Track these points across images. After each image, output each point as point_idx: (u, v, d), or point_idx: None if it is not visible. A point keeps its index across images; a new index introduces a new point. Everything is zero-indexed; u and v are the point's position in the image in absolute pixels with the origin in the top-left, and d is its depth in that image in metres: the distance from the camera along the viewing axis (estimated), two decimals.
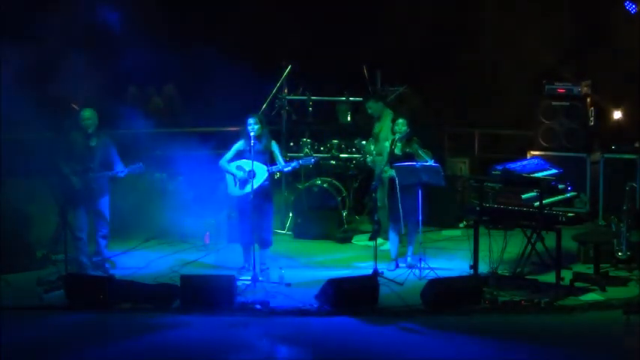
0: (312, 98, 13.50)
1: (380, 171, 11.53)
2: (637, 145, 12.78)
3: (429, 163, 10.69)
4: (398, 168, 10.68)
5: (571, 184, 10.54)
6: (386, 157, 11.10)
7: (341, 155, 13.24)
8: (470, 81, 15.30)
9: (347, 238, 12.54)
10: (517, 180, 10.26)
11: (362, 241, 12.45)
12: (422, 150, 10.88)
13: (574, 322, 9.35)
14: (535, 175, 10.47)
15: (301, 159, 11.07)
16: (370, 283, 9.84)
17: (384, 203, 11.40)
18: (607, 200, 12.81)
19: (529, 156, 13.08)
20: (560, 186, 10.32)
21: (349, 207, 13.04)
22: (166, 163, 12.59)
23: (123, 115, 12.49)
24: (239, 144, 10.67)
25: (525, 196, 10.10)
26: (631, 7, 13.36)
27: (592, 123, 13.55)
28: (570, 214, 10.00)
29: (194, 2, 15.65)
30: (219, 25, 15.57)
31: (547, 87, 13.61)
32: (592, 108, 13.54)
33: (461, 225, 13.06)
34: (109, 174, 10.80)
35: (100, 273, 10.82)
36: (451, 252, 11.80)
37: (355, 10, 15.50)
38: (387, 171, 10.94)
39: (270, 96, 13.01)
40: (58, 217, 10.84)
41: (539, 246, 10.22)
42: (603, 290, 10.06)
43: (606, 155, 12.94)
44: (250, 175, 10.41)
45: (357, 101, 13.62)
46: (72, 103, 11.73)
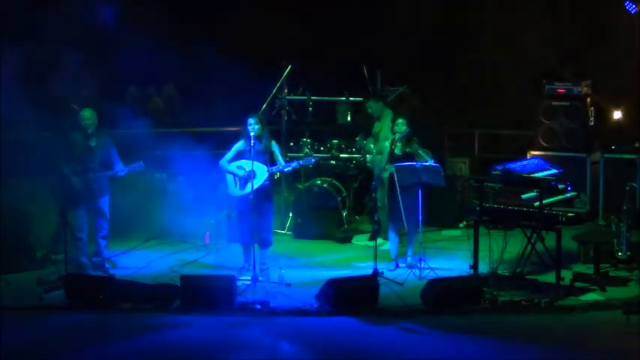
0: (312, 98, 13.50)
1: (379, 171, 11.54)
2: (637, 145, 12.76)
3: (429, 163, 10.69)
4: (398, 168, 10.67)
5: (571, 184, 10.53)
6: (386, 157, 11.10)
7: (341, 155, 13.24)
8: (470, 81, 15.29)
9: (347, 238, 12.53)
10: (517, 180, 10.26)
11: (362, 241, 12.44)
12: (422, 150, 10.88)
13: (574, 322, 9.35)
14: (535, 175, 10.46)
15: (301, 159, 11.08)
16: (370, 283, 9.83)
17: (384, 203, 11.40)
18: (607, 200, 12.80)
19: (529, 156, 13.08)
20: (560, 186, 10.32)
21: (349, 207, 13.03)
22: (166, 163, 12.57)
23: (123, 115, 12.47)
24: (239, 144, 10.67)
25: (525, 196, 10.10)
26: (631, 7, 13.35)
27: (592, 123, 13.54)
28: (570, 214, 10.00)
29: (194, 2, 15.64)
30: (219, 25, 15.56)
31: (547, 87, 13.61)
32: (592, 108, 13.54)
33: (461, 225, 13.06)
34: (110, 173, 10.79)
35: (100, 273, 10.81)
36: (451, 252, 11.79)
37: (355, 10, 15.50)
38: (388, 169, 10.93)
39: (270, 96, 13.00)
40: (58, 217, 10.83)
41: (539, 246, 10.22)
42: (603, 290, 10.05)
43: (606, 155, 12.93)
44: (250, 175, 10.41)
45: (357, 101, 13.62)
46: (72, 104, 11.73)
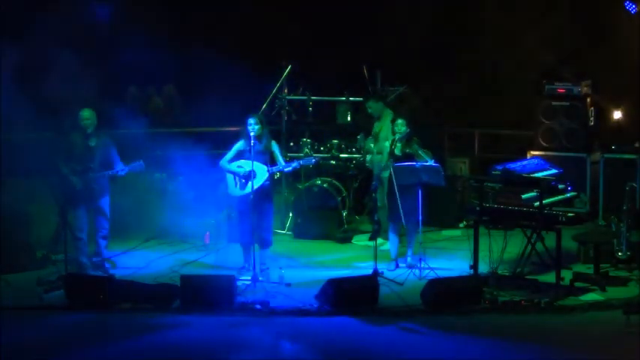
0: (312, 98, 13.50)
1: (379, 171, 11.54)
2: (637, 145, 12.76)
3: (429, 163, 10.69)
4: (398, 168, 10.67)
5: (571, 184, 10.53)
6: (386, 157, 11.10)
7: (341, 155, 13.24)
8: (470, 81, 15.29)
9: (347, 238, 12.53)
10: (517, 180, 10.26)
11: (362, 241, 12.44)
12: (422, 150, 10.87)
13: (574, 322, 9.34)
14: (535, 175, 10.46)
15: (302, 159, 11.07)
16: (370, 283, 9.83)
17: (384, 203, 11.39)
18: (607, 200, 12.79)
19: (529, 156, 13.07)
20: (560, 186, 10.32)
21: (349, 207, 13.03)
22: (166, 163, 12.58)
23: (123, 115, 12.48)
24: (239, 144, 10.66)
25: (525, 196, 10.10)
26: (631, 7, 13.35)
27: (592, 123, 13.54)
28: (570, 214, 9.99)
29: (194, 2, 15.65)
30: (219, 25, 15.56)
31: (547, 87, 13.60)
32: (592, 108, 13.53)
33: (461, 225, 13.06)
34: (110, 173, 10.78)
35: (100, 273, 10.81)
36: (451, 252, 11.79)
37: (355, 10, 15.49)
38: (388, 167, 10.90)
39: (270, 96, 13.00)
40: (58, 217, 10.83)
41: (539, 246, 10.21)
42: (603, 290, 10.05)
43: (606, 155, 12.92)
44: (250, 175, 10.41)
45: (357, 101, 13.62)
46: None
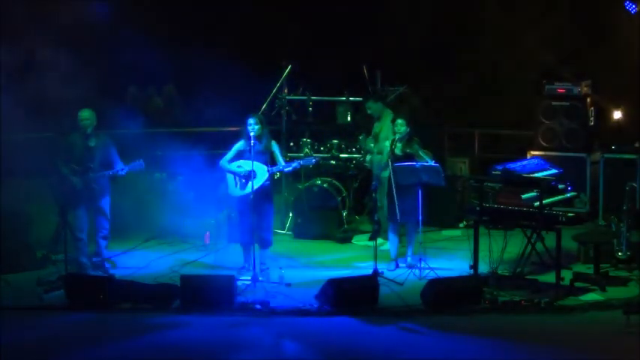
0: (312, 98, 13.49)
1: (379, 171, 11.54)
2: (637, 145, 12.75)
3: (429, 163, 10.68)
4: (398, 168, 10.67)
5: (571, 184, 10.53)
6: (386, 157, 11.10)
7: (341, 155, 13.23)
8: (470, 81, 15.29)
9: (347, 238, 12.53)
10: (517, 180, 10.26)
11: (362, 241, 12.44)
12: (422, 150, 10.87)
13: (574, 322, 9.34)
14: (535, 175, 10.46)
15: (302, 159, 11.06)
16: (370, 283, 9.83)
17: (384, 203, 11.39)
18: (607, 200, 12.78)
19: (529, 156, 13.07)
20: (560, 186, 10.32)
21: (349, 207, 13.02)
22: (166, 163, 12.58)
23: (122, 115, 12.47)
24: (239, 144, 10.66)
25: (525, 196, 10.10)
26: (631, 7, 13.35)
27: (592, 123, 13.53)
28: (570, 214, 10.00)
29: (194, 2, 15.65)
30: (219, 25, 15.57)
31: (547, 87, 13.59)
32: (592, 108, 13.53)
33: (461, 225, 13.06)
34: (110, 172, 10.77)
35: (100, 273, 10.81)
36: (451, 252, 11.79)
37: (355, 10, 15.50)
38: (388, 165, 10.90)
39: (270, 96, 12.99)
40: (58, 217, 10.82)
41: (539, 246, 10.21)
42: (603, 290, 10.05)
43: (606, 155, 12.91)
44: (250, 176, 10.40)
45: (357, 101, 13.61)
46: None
